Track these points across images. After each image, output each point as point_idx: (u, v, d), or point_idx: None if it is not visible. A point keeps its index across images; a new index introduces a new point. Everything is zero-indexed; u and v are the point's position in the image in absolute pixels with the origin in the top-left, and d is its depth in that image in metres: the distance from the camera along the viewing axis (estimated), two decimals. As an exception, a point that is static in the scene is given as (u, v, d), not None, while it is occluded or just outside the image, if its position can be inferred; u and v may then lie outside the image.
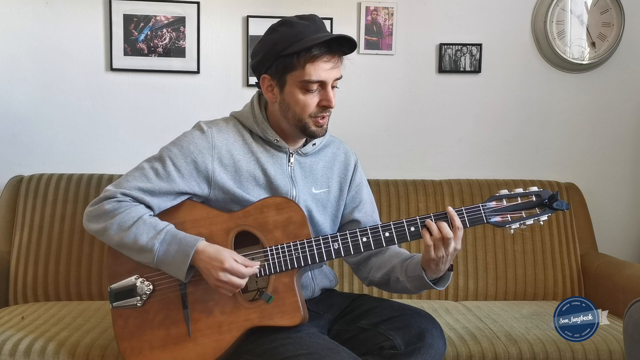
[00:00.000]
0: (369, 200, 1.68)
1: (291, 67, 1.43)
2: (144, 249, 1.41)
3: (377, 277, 1.57)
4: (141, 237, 1.41)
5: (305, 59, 1.41)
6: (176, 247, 1.40)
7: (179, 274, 1.41)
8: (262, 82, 1.50)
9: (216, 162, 1.49)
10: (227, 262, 1.37)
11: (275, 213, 1.45)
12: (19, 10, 2.38)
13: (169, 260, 1.40)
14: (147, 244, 1.40)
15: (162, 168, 1.47)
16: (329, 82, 1.45)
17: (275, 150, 1.54)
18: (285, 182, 1.52)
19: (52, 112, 2.42)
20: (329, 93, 1.45)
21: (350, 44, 1.45)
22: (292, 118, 1.48)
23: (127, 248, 1.44)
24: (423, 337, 1.40)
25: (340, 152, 1.65)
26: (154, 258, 1.41)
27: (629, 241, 2.64)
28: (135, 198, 1.46)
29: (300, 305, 1.39)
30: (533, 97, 2.58)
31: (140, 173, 1.48)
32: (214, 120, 1.56)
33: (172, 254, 1.40)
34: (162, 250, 1.40)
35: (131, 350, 1.46)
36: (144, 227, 1.42)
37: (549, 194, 1.43)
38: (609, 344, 1.77)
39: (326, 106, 1.46)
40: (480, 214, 1.42)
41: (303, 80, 1.42)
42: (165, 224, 1.44)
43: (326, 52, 1.42)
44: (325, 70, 1.43)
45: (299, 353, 1.29)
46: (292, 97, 1.45)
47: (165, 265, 1.41)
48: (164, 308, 1.46)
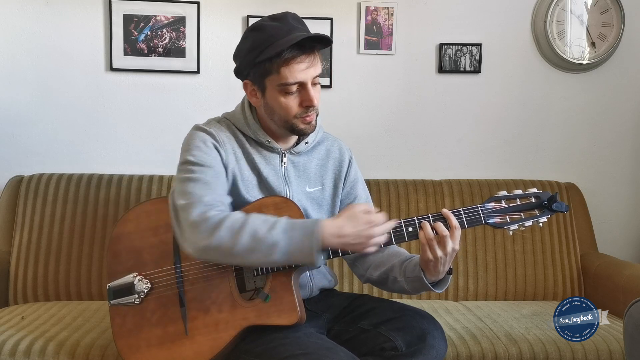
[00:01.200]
0: (364, 196, 1.67)
1: (267, 72, 1.43)
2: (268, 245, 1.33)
3: (374, 276, 1.56)
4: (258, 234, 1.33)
5: (279, 64, 1.40)
6: (299, 232, 1.34)
7: (310, 259, 1.33)
8: (245, 88, 1.51)
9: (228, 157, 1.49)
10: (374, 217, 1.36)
11: (273, 212, 1.44)
12: (19, 10, 2.38)
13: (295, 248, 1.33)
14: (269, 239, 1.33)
15: (198, 167, 1.43)
16: (308, 81, 1.44)
17: (267, 151, 1.54)
18: (278, 183, 1.53)
19: (52, 112, 2.42)
20: (310, 92, 1.44)
21: (324, 40, 1.44)
22: (278, 120, 1.48)
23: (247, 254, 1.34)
24: (424, 338, 1.40)
25: (334, 149, 1.65)
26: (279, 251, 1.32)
27: (629, 241, 2.64)
28: (213, 205, 1.39)
29: (297, 305, 1.39)
30: (533, 97, 2.58)
31: (187, 190, 1.41)
32: (208, 122, 1.56)
33: (298, 241, 1.33)
34: (285, 239, 1.33)
35: (128, 348, 1.46)
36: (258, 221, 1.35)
37: (548, 195, 1.43)
38: (609, 344, 1.77)
39: (308, 105, 1.45)
40: (479, 214, 1.41)
41: (280, 84, 1.42)
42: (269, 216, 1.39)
43: (298, 53, 1.41)
44: (301, 71, 1.42)
45: (297, 353, 1.28)
46: (274, 101, 1.46)
47: (294, 254, 1.34)
48: (161, 306, 1.46)
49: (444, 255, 1.38)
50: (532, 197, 1.43)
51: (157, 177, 2.30)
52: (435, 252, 1.37)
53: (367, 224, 1.35)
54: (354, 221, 1.36)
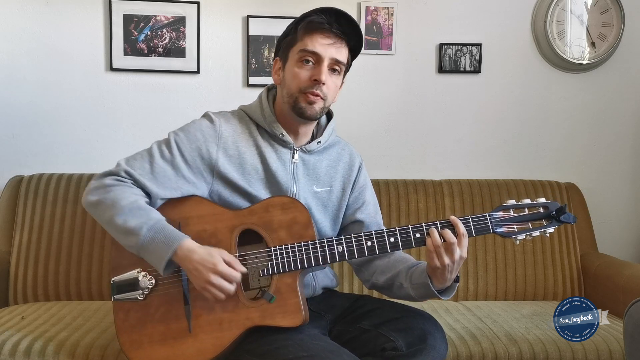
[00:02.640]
0: (372, 202, 1.67)
1: (293, 41, 1.48)
2: (132, 231, 1.38)
3: (380, 281, 1.56)
4: (132, 220, 1.38)
5: (304, 30, 1.46)
6: (162, 237, 1.38)
7: (158, 264, 1.38)
8: (274, 66, 1.55)
9: (221, 152, 1.49)
10: (220, 265, 1.36)
11: (280, 212, 1.44)
12: (19, 10, 2.38)
13: (151, 248, 1.38)
14: (136, 227, 1.38)
15: (168, 151, 1.48)
16: (325, 57, 1.45)
17: (279, 146, 1.54)
18: (286, 178, 1.53)
19: (52, 112, 2.42)
20: (322, 68, 1.46)
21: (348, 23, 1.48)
22: (287, 94, 1.49)
23: (114, 227, 1.41)
24: (425, 338, 1.40)
25: (345, 153, 1.65)
26: (138, 242, 1.38)
27: (629, 241, 2.64)
28: (136, 180, 1.45)
29: (301, 307, 1.39)
30: (533, 97, 2.58)
31: (148, 153, 1.50)
32: (221, 112, 1.57)
33: (156, 243, 1.38)
34: (148, 236, 1.38)
35: (130, 344, 1.46)
36: (138, 211, 1.40)
37: (556, 206, 1.42)
38: (609, 344, 1.77)
39: (316, 80, 1.46)
40: (487, 223, 1.41)
41: (300, 50, 1.46)
42: (158, 214, 1.43)
43: (324, 22, 1.45)
44: (321, 44, 1.45)
45: (300, 355, 1.28)
46: (289, 72, 1.49)
47: (148, 253, 1.39)
48: (165, 303, 1.46)
49: (452, 262, 1.37)
50: (541, 207, 1.43)
51: (157, 177, 2.30)
52: (442, 259, 1.37)
53: (213, 265, 1.36)
54: (208, 256, 1.37)
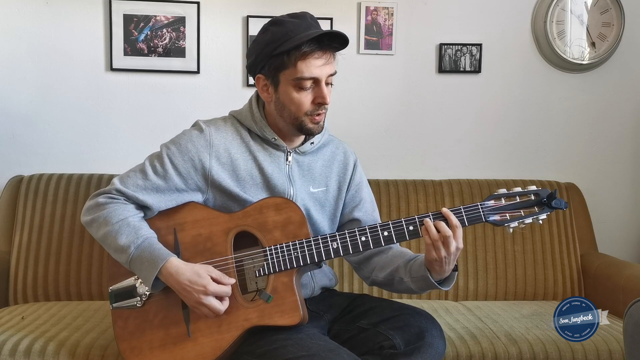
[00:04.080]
0: (369, 199, 1.67)
1: (283, 66, 1.43)
2: (121, 248, 1.42)
3: (380, 277, 1.56)
4: (121, 237, 1.42)
5: (296, 57, 1.41)
6: (148, 255, 1.41)
7: (146, 283, 1.42)
8: (257, 82, 1.51)
9: (214, 161, 1.49)
10: (210, 287, 1.38)
11: (274, 213, 1.45)
12: (19, 10, 2.38)
13: (139, 266, 1.42)
14: (125, 245, 1.41)
15: (161, 166, 1.49)
16: (322, 78, 1.45)
17: (273, 149, 1.54)
18: (282, 181, 1.52)
19: (52, 112, 2.42)
20: (323, 90, 1.45)
21: (342, 40, 1.45)
22: (288, 117, 1.48)
23: (107, 244, 1.46)
24: (423, 336, 1.40)
25: (339, 152, 1.65)
26: (127, 259, 1.42)
27: (629, 241, 2.64)
28: (129, 197, 1.47)
29: (299, 305, 1.39)
30: (533, 97, 2.58)
31: (140, 170, 1.50)
32: (212, 119, 1.57)
33: (144, 261, 1.41)
34: (136, 254, 1.41)
35: (131, 351, 1.46)
36: (127, 228, 1.43)
37: (547, 192, 1.43)
38: (609, 344, 1.77)
39: (321, 103, 1.46)
40: (479, 212, 1.42)
41: (296, 78, 1.43)
42: (148, 231, 1.45)
43: (317, 48, 1.42)
44: (317, 67, 1.43)
45: (300, 355, 1.28)
46: (286, 96, 1.46)
47: (137, 270, 1.43)
48: (163, 308, 1.46)
49: (448, 254, 1.38)
50: (532, 194, 1.44)
51: (157, 177, 2.30)
52: (439, 252, 1.38)
53: (204, 287, 1.37)
54: (196, 276, 1.39)
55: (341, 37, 1.44)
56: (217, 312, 1.39)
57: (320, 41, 1.42)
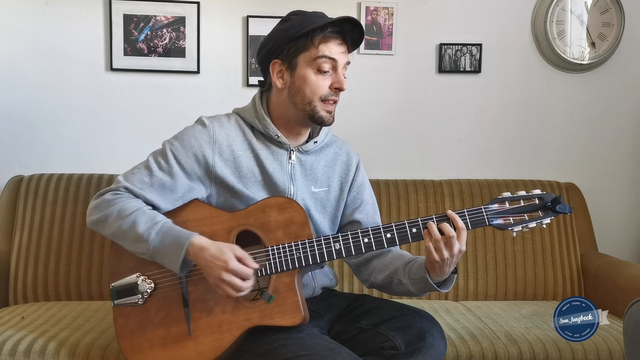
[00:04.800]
0: (370, 202, 1.67)
1: (304, 47, 1.46)
2: (141, 237, 1.40)
3: (379, 280, 1.56)
4: (139, 226, 1.40)
5: (319, 39, 1.45)
6: (171, 238, 1.39)
7: (173, 265, 1.39)
8: (273, 68, 1.51)
9: (217, 156, 1.49)
10: (231, 263, 1.35)
11: (277, 213, 1.45)
12: (19, 10, 2.38)
13: (163, 250, 1.39)
14: (144, 232, 1.40)
15: (165, 162, 1.48)
16: (340, 64, 1.48)
17: (276, 147, 1.54)
18: (283, 179, 1.52)
19: (52, 112, 2.42)
20: (341, 75, 1.48)
21: (359, 32, 1.49)
22: (301, 102, 1.48)
23: (123, 236, 1.43)
24: (424, 337, 1.40)
25: (342, 152, 1.65)
26: (149, 247, 1.40)
27: (629, 241, 2.64)
28: (136, 194, 1.46)
29: (300, 305, 1.39)
30: (533, 97, 2.58)
31: (145, 166, 1.50)
32: (215, 116, 1.57)
33: (167, 245, 1.39)
34: (157, 239, 1.39)
35: (131, 349, 1.46)
36: (143, 217, 1.42)
37: (552, 197, 1.42)
38: (609, 344, 1.77)
39: (338, 88, 1.48)
40: (483, 216, 1.41)
41: (317, 57, 1.45)
42: (163, 217, 1.45)
43: (339, 34, 1.46)
44: (338, 52, 1.47)
45: (300, 354, 1.28)
46: (303, 80, 1.47)
47: (161, 255, 1.40)
48: (165, 306, 1.46)
49: (450, 256, 1.37)
50: (536, 198, 1.43)
51: (157, 177, 2.30)
52: (442, 253, 1.37)
53: (225, 262, 1.36)
54: (219, 252, 1.37)
55: (359, 28, 1.48)
56: (238, 289, 1.36)
57: (342, 27, 1.46)
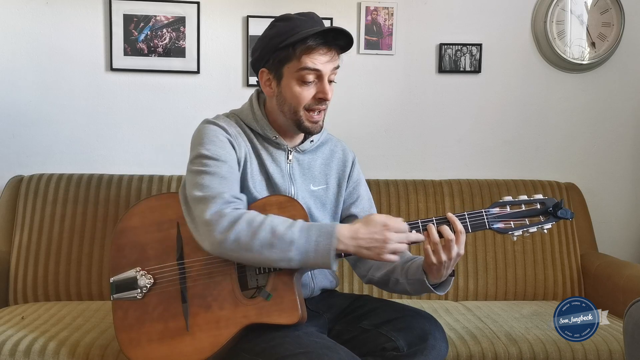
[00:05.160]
0: (366, 197, 1.68)
1: (287, 58, 1.44)
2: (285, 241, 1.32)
3: (376, 277, 1.56)
4: (278, 230, 1.33)
5: (301, 50, 1.42)
6: (316, 232, 1.34)
7: (325, 260, 1.32)
8: (261, 77, 1.51)
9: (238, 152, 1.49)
10: (389, 221, 1.33)
11: (277, 211, 1.44)
12: (19, 10, 2.38)
13: (311, 248, 1.32)
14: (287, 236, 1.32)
15: (212, 161, 1.43)
16: (326, 74, 1.45)
17: (274, 148, 1.55)
18: (283, 180, 1.53)
19: (52, 112, 2.42)
20: (325, 85, 1.46)
21: (347, 39, 1.46)
22: (287, 111, 1.49)
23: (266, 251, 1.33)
24: (426, 338, 1.40)
25: (337, 149, 1.66)
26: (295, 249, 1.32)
27: (629, 241, 2.64)
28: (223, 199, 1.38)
29: (298, 304, 1.39)
30: (533, 97, 2.58)
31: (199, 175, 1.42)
32: (217, 116, 1.57)
33: (314, 241, 1.33)
34: (302, 238, 1.33)
35: (129, 342, 1.46)
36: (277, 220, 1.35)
37: (553, 202, 1.42)
38: (609, 344, 1.77)
39: (322, 99, 1.46)
40: (483, 219, 1.41)
41: (299, 69, 1.43)
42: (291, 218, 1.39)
43: (322, 43, 1.43)
44: (322, 63, 1.44)
45: (297, 352, 1.28)
46: (288, 90, 1.46)
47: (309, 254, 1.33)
48: (163, 301, 1.47)
49: (448, 259, 1.37)
50: (537, 203, 1.43)
51: (157, 177, 2.30)
52: (440, 256, 1.37)
53: (382, 227, 1.34)
54: (369, 225, 1.35)
55: (346, 35, 1.45)
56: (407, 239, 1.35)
57: (325, 37, 1.43)
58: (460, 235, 1.38)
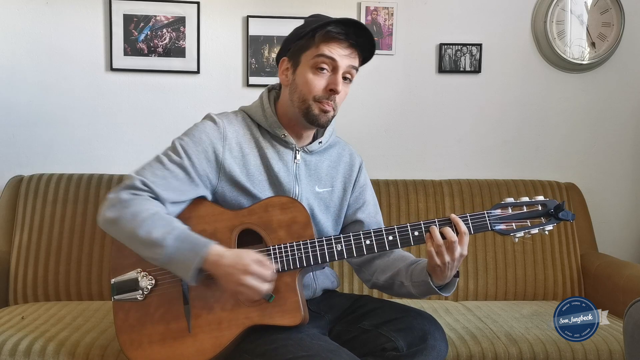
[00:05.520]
0: (372, 202, 1.68)
1: (307, 46, 1.45)
2: (156, 242, 1.36)
3: (381, 280, 1.56)
4: (155, 230, 1.36)
5: (321, 38, 1.43)
6: (188, 245, 1.37)
7: (186, 274, 1.36)
8: (280, 66, 1.52)
9: (227, 153, 1.49)
10: (251, 266, 1.34)
11: (279, 212, 1.45)
12: (19, 10, 2.38)
13: (178, 258, 1.36)
14: (160, 237, 1.36)
15: (176, 156, 1.47)
16: (341, 66, 1.45)
17: (281, 147, 1.54)
18: (289, 179, 1.52)
19: (52, 112, 2.42)
20: (338, 77, 1.46)
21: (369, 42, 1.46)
22: (297, 100, 1.48)
23: (137, 240, 1.38)
24: (425, 339, 1.40)
25: (345, 153, 1.66)
26: (164, 252, 1.35)
27: (629, 241, 2.64)
28: (151, 189, 1.43)
29: (301, 305, 1.39)
30: (533, 97, 2.58)
31: (157, 161, 1.48)
32: (223, 113, 1.57)
33: (183, 252, 1.36)
34: (174, 246, 1.36)
35: (130, 344, 1.45)
36: (160, 221, 1.38)
37: (555, 203, 1.43)
38: (609, 344, 1.77)
39: (332, 90, 1.46)
40: (485, 221, 1.42)
41: (315, 55, 1.44)
42: (180, 223, 1.42)
43: (343, 35, 1.43)
44: (339, 54, 1.44)
45: (300, 355, 1.28)
46: (301, 77, 1.47)
47: (174, 263, 1.37)
48: (165, 303, 1.46)
49: (452, 260, 1.38)
50: (539, 204, 1.43)
51: (157, 177, 2.29)
52: (443, 257, 1.37)
53: (245, 266, 1.34)
54: (237, 258, 1.36)
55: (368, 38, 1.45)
56: (258, 292, 1.35)
57: (347, 29, 1.43)
58: (463, 236, 1.39)
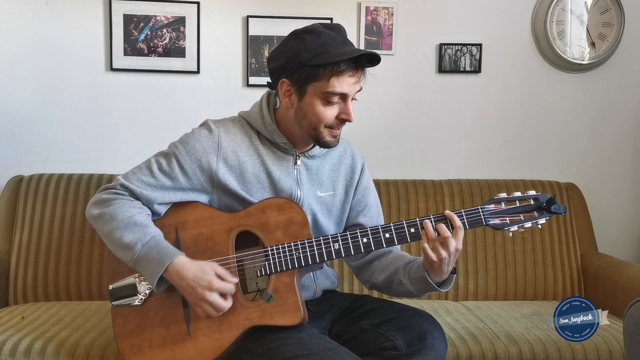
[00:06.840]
0: (375, 205, 1.67)
1: (315, 77, 1.41)
2: (127, 246, 1.41)
3: (379, 280, 1.56)
4: (128, 235, 1.41)
5: (331, 73, 1.40)
6: (155, 253, 1.40)
7: (151, 281, 1.40)
8: (281, 86, 1.48)
9: (221, 162, 1.48)
10: (214, 282, 1.37)
11: (276, 213, 1.45)
12: (19, 10, 2.38)
13: (144, 264, 1.40)
14: (131, 242, 1.40)
15: (167, 164, 1.48)
16: (351, 95, 1.45)
17: (282, 153, 1.53)
18: (290, 185, 1.52)
19: (52, 112, 2.42)
20: (349, 107, 1.45)
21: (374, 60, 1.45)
22: (307, 127, 1.47)
23: (112, 241, 1.44)
24: (424, 338, 1.40)
25: (347, 155, 1.65)
26: (132, 257, 1.40)
27: (629, 241, 2.64)
28: (133, 192, 1.46)
29: (300, 305, 1.39)
30: (533, 97, 2.58)
31: (146, 166, 1.50)
32: (222, 120, 1.56)
33: (149, 260, 1.40)
34: (142, 252, 1.40)
35: (130, 349, 1.46)
36: (134, 226, 1.42)
37: (546, 197, 1.44)
38: (609, 344, 1.77)
39: (345, 119, 1.46)
40: (479, 216, 1.43)
41: (326, 92, 1.41)
42: (155, 229, 1.45)
43: (353, 67, 1.42)
44: (349, 85, 1.43)
45: (300, 354, 1.28)
46: (310, 107, 1.44)
47: (142, 269, 1.42)
48: (164, 307, 1.46)
49: (448, 255, 1.38)
50: (531, 199, 1.45)
51: (157, 177, 2.30)
52: (439, 252, 1.38)
53: (208, 282, 1.37)
54: (201, 272, 1.38)
55: (377, 60, 1.44)
56: (220, 310, 1.39)
57: (357, 60, 1.42)
58: (458, 231, 1.39)
